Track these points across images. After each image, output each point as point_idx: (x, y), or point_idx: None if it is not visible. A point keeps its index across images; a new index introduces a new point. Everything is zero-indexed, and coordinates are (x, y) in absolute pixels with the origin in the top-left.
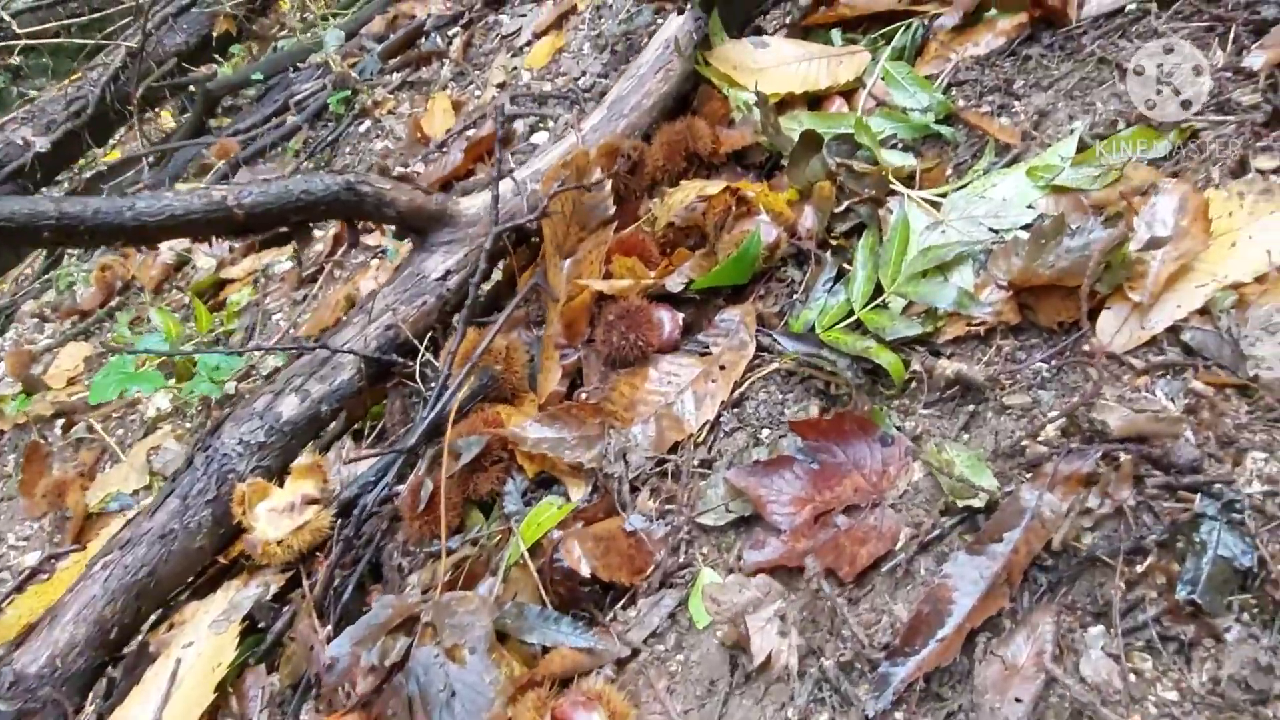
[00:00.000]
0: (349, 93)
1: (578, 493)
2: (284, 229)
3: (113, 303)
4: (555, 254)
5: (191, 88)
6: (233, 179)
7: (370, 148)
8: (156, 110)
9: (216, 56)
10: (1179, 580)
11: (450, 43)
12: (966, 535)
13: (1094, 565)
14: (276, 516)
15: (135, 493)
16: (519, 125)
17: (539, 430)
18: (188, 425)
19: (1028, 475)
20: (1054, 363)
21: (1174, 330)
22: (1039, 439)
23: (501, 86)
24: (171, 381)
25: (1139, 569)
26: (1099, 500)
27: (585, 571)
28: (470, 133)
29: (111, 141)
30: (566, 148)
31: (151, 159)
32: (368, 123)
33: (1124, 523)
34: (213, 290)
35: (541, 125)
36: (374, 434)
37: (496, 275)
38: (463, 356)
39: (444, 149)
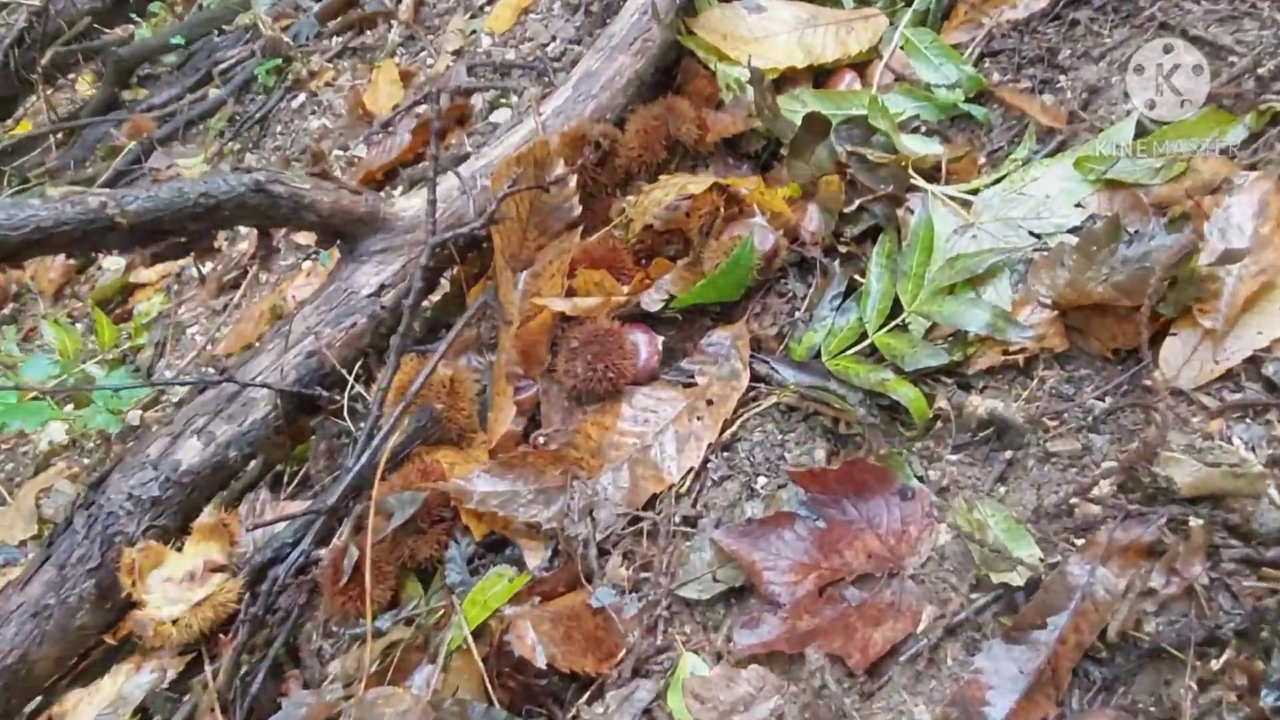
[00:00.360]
0: (280, 61)
1: (534, 559)
2: (182, 239)
3: (6, 310)
4: (508, 267)
5: (116, 50)
6: (146, 163)
7: (305, 126)
8: (72, 77)
9: (135, 16)
10: (1264, 681)
11: (399, 1)
12: (1003, 618)
13: (1159, 659)
14: (173, 588)
15: (22, 544)
16: (477, 100)
17: (488, 483)
18: (85, 461)
19: (1077, 543)
20: (1108, 400)
21: (1254, 362)
22: (1091, 496)
23: (458, 54)
24: (70, 408)
25: (1214, 665)
26: (1164, 578)
27: (540, 661)
28: (420, 109)
29: (20, 113)
30: (524, 135)
31: (60, 135)
32: (302, 96)
33: (1195, 606)
34: (120, 297)
35: (504, 101)
36: (296, 481)
37: (449, 283)
38: (398, 390)
39: (390, 128)
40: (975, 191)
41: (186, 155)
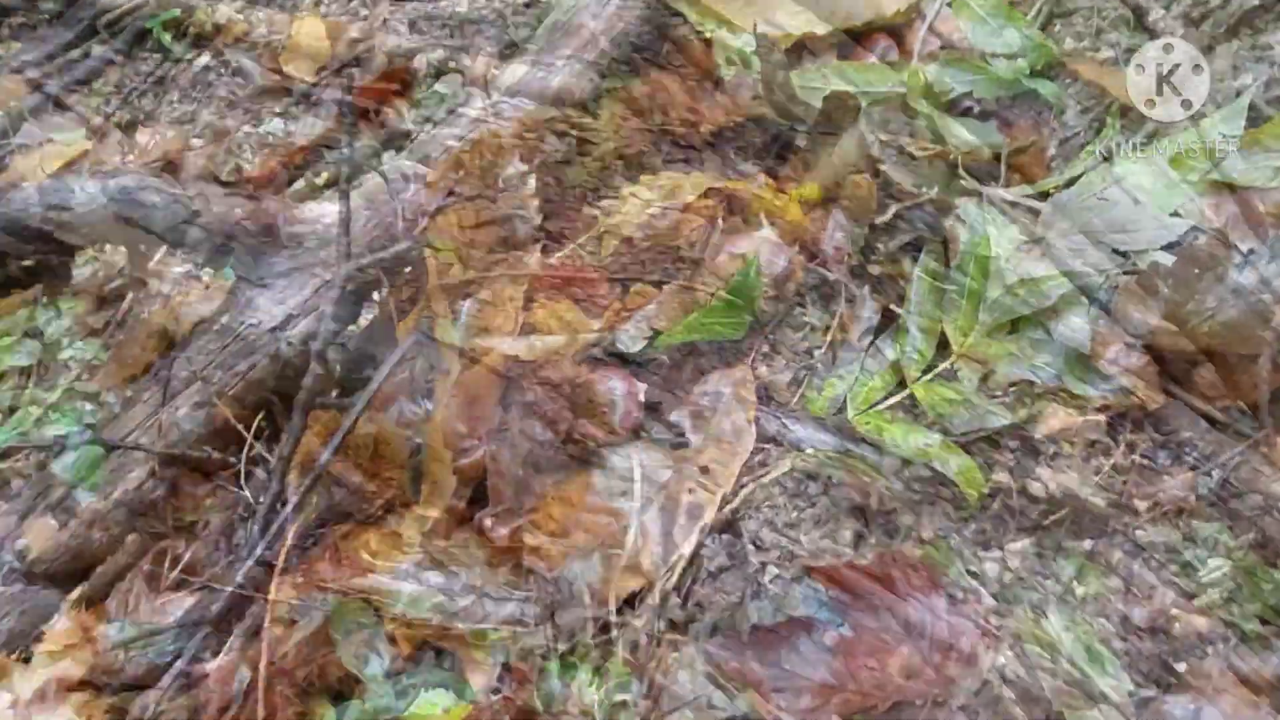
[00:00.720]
0: (179, 12)
1: (480, 678)
2: (26, 263)
3: None
4: (446, 296)
5: None
6: (14, 138)
7: (209, 95)
8: None
9: None
10: None
11: None
12: None
13: None
14: (19, 714)
15: None
16: (421, 63)
17: (418, 580)
18: None
19: (1178, 669)
20: (1216, 476)
21: None
22: (1195, 607)
23: (398, 3)
24: None
25: None
26: None
27: None
28: (355, 71)
29: None
30: (471, 120)
31: None
32: (206, 56)
33: None
34: None
35: (453, 65)
36: (181, 565)
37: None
38: (307, 455)
39: (312, 98)
40: (1044, 195)
41: (64, 129)
